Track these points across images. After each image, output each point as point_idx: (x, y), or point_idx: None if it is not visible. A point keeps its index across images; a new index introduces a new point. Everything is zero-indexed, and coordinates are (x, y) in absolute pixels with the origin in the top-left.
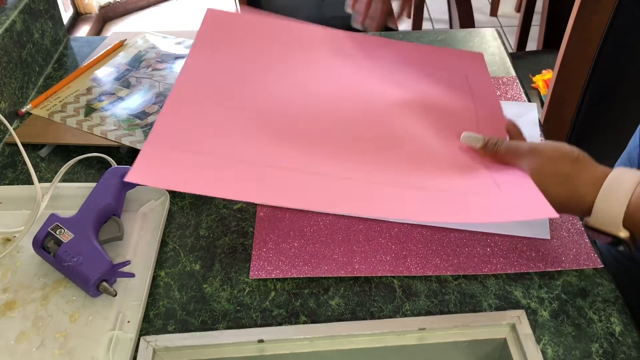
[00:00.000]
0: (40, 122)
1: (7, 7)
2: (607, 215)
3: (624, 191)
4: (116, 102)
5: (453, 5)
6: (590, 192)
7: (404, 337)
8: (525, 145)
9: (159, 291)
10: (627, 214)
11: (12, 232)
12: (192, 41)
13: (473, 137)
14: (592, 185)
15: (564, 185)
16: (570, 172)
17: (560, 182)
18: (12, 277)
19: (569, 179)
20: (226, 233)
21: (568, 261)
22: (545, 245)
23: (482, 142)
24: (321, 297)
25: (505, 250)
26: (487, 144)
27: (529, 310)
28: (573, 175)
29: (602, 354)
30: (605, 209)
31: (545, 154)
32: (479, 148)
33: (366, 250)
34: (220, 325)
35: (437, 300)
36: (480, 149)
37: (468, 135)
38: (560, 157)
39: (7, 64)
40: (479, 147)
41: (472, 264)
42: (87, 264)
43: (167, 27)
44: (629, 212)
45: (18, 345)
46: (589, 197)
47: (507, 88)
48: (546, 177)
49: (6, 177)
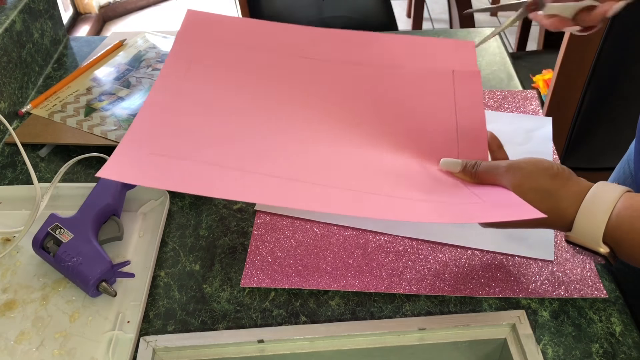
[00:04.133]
0: (40, 122)
1: (6, 7)
2: (588, 231)
3: (605, 206)
4: (116, 102)
5: (453, 5)
6: (570, 206)
7: (404, 337)
8: (503, 164)
9: (159, 291)
10: (608, 230)
11: (12, 232)
12: None
13: (451, 162)
14: (572, 200)
15: (545, 201)
16: (550, 188)
17: (542, 198)
18: (11, 277)
19: (549, 195)
20: (226, 233)
21: (570, 289)
22: (548, 270)
23: (460, 166)
24: (321, 297)
25: (506, 273)
26: (465, 167)
27: (529, 311)
28: (553, 191)
29: (602, 354)
30: (585, 224)
31: (524, 170)
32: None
33: (361, 265)
34: (220, 326)
35: (437, 301)
36: (459, 172)
37: (446, 162)
38: (540, 173)
39: (7, 64)
40: (458, 171)
41: (470, 286)
42: (87, 264)
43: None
44: (609, 228)
45: (18, 345)
46: (569, 211)
47: (526, 103)
48: (526, 193)
49: (6, 177)
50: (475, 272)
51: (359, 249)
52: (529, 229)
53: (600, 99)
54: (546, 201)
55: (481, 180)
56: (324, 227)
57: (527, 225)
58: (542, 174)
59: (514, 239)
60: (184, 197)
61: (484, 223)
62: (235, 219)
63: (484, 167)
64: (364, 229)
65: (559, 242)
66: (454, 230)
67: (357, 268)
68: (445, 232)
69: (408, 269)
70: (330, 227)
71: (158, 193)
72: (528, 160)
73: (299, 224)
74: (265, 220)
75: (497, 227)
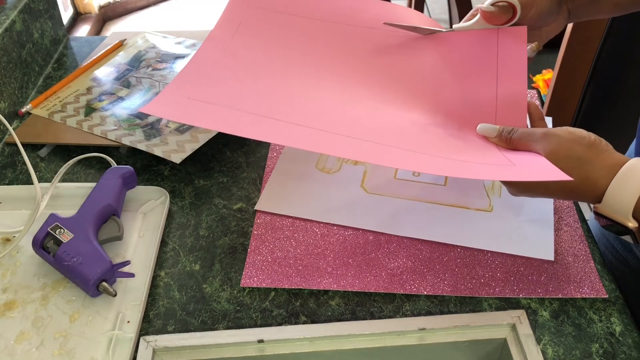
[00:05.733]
0: (40, 122)
1: (6, 7)
2: (618, 204)
3: (638, 181)
4: (116, 102)
5: (453, 4)
6: (603, 177)
7: (404, 337)
8: (540, 131)
9: (159, 291)
10: (638, 205)
11: (12, 232)
12: (192, 41)
13: (488, 127)
14: (606, 172)
15: (577, 169)
16: (584, 156)
17: (574, 165)
18: (11, 277)
19: (582, 163)
20: (226, 233)
21: (570, 289)
22: (548, 270)
23: (496, 131)
24: (321, 297)
25: (506, 273)
26: (501, 133)
27: (529, 310)
28: (587, 160)
29: (602, 354)
30: (617, 197)
31: (559, 137)
32: (494, 137)
33: (361, 265)
34: (220, 326)
35: (437, 300)
36: (495, 137)
37: (483, 127)
38: (575, 141)
39: (7, 63)
40: (494, 136)
41: (470, 286)
42: (87, 264)
43: (167, 27)
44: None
45: (18, 346)
46: (601, 183)
47: None
48: (559, 160)
49: (6, 177)
50: (475, 272)
51: (359, 249)
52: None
53: (600, 99)
54: (579, 169)
55: (516, 146)
56: (324, 227)
57: (558, 194)
58: (578, 142)
59: (514, 239)
60: (184, 197)
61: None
62: (235, 219)
63: (520, 133)
64: (364, 229)
65: (559, 242)
66: (454, 230)
67: (357, 268)
68: (446, 232)
69: (408, 269)
70: (330, 227)
71: (158, 193)
72: (565, 129)
73: (299, 224)
74: (265, 220)
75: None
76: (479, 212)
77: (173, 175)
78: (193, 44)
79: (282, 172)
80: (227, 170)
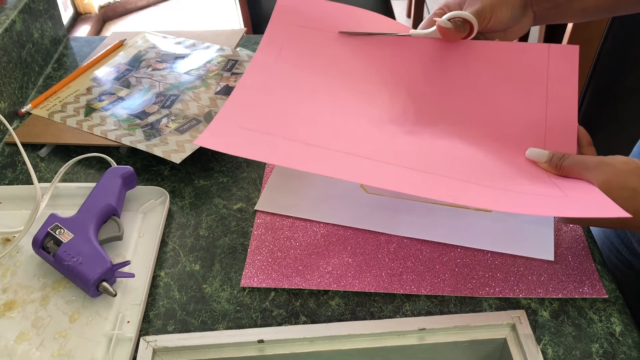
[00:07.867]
0: (40, 122)
1: (6, 7)
2: None
3: None
4: (116, 102)
5: None
6: None
7: (404, 338)
8: (593, 159)
9: (159, 291)
10: None
11: (12, 232)
12: (192, 41)
13: (538, 152)
14: None
15: (631, 199)
16: (638, 187)
17: (628, 196)
18: (11, 277)
19: (637, 194)
20: (226, 233)
21: (570, 289)
22: (548, 270)
23: (546, 157)
24: (321, 297)
25: (506, 273)
26: (551, 159)
27: (529, 311)
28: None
29: (602, 354)
30: None
31: (614, 168)
32: (543, 162)
33: (361, 265)
34: (220, 326)
35: (437, 301)
36: (545, 163)
37: (533, 151)
38: (630, 172)
39: (7, 64)
40: (544, 162)
41: (470, 286)
42: (87, 264)
43: (167, 27)
44: None
45: (18, 346)
46: None
47: None
48: (612, 190)
49: (6, 177)
50: (475, 272)
51: (359, 249)
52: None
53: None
54: (633, 200)
55: (567, 173)
56: (324, 227)
57: (610, 225)
58: (633, 173)
59: (514, 239)
60: (184, 197)
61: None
62: (235, 219)
63: (572, 160)
64: (364, 229)
65: (559, 242)
66: (454, 230)
67: (357, 268)
68: (446, 232)
69: (408, 269)
70: (330, 227)
71: (158, 193)
72: (618, 158)
73: (299, 224)
74: (265, 220)
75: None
76: (479, 212)
77: (173, 175)
78: (193, 44)
79: (282, 172)
80: (227, 170)
